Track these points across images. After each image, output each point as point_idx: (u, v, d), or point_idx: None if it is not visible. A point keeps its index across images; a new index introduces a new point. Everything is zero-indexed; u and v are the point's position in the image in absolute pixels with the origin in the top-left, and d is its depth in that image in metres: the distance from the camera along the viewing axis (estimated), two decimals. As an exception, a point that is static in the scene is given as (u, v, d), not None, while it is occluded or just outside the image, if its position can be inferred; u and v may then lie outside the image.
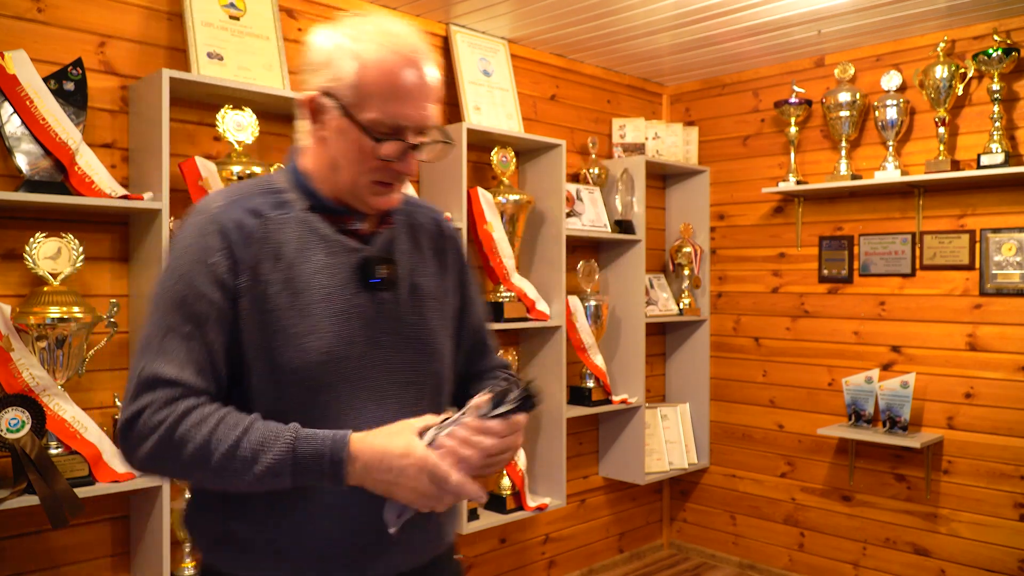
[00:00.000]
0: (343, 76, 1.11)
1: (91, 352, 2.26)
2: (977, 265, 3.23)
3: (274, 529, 1.14)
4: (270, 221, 1.16)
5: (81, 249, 2.19)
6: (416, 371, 1.21)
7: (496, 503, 3.17)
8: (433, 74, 1.15)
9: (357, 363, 1.15)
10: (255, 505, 1.13)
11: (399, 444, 1.05)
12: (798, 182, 3.65)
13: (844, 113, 3.48)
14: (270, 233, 1.15)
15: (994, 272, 3.18)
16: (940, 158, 3.22)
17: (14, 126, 2.14)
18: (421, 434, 1.08)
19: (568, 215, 3.46)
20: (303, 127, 1.20)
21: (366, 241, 1.21)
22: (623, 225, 3.72)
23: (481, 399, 1.10)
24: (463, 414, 1.09)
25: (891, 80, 3.39)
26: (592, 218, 3.61)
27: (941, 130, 3.23)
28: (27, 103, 2.12)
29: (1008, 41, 3.09)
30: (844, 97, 3.47)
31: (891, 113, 3.35)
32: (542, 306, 3.25)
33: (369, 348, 1.17)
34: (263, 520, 1.14)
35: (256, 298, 1.12)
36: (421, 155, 1.16)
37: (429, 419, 1.11)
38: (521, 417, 1.09)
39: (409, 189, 2.95)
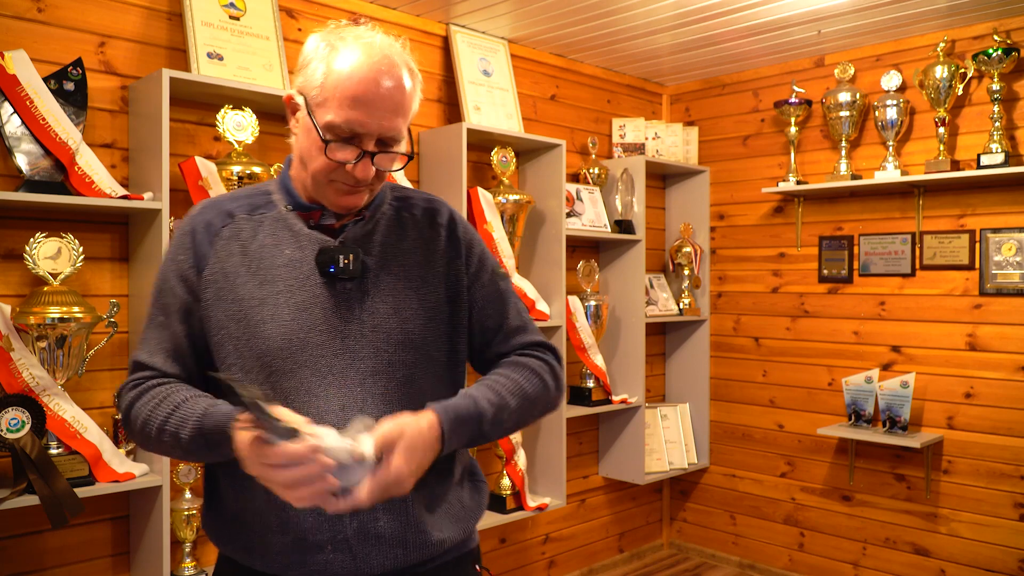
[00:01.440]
0: (313, 77, 1.17)
1: (91, 352, 2.26)
2: (977, 265, 3.23)
3: (257, 522, 1.21)
4: (241, 221, 1.25)
5: (81, 249, 2.19)
6: (382, 360, 1.21)
7: (496, 503, 3.17)
8: (401, 87, 1.17)
9: (319, 351, 1.19)
10: (244, 500, 1.22)
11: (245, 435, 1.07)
12: (798, 182, 3.65)
13: (844, 113, 3.48)
14: (240, 232, 1.24)
15: (994, 272, 3.18)
16: (940, 158, 3.22)
17: (14, 126, 2.14)
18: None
19: (568, 215, 3.46)
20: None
21: (337, 234, 1.25)
22: (623, 225, 3.72)
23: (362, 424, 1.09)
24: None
25: (891, 80, 3.39)
26: (592, 218, 3.61)
27: (941, 130, 3.23)
28: (27, 103, 2.12)
29: (1008, 41, 3.09)
30: (844, 97, 3.47)
31: (891, 113, 3.35)
32: (542, 306, 3.25)
33: (331, 337, 1.19)
34: (252, 514, 1.21)
35: (221, 290, 1.21)
36: (377, 164, 1.18)
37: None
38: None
39: (404, 181, 2.95)
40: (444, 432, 1.14)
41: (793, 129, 3.71)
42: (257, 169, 2.46)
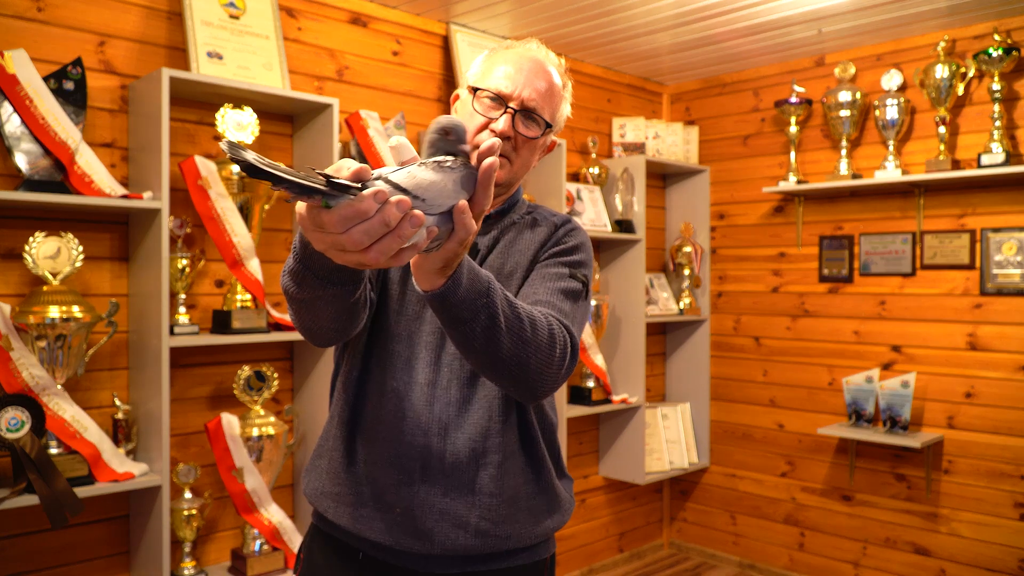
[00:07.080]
0: (474, 69, 1.38)
1: (91, 352, 2.26)
2: (977, 265, 3.23)
3: (344, 474, 1.31)
4: None
5: (81, 249, 2.19)
6: None
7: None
8: (547, 74, 1.33)
9: (416, 323, 1.31)
10: (338, 450, 1.32)
11: None
12: (798, 181, 3.65)
13: (844, 112, 3.48)
14: None
15: (994, 272, 3.18)
16: (941, 157, 3.22)
17: (14, 126, 2.13)
18: None
19: (568, 215, 3.46)
20: None
21: None
22: (623, 224, 3.72)
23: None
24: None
25: (891, 79, 3.39)
26: (592, 217, 3.61)
27: (942, 129, 3.23)
28: (27, 103, 2.12)
29: (1008, 41, 3.09)
30: (844, 96, 3.47)
31: (891, 112, 3.35)
32: (542, 306, 3.24)
33: (425, 310, 1.31)
34: (338, 464, 1.32)
35: None
36: (516, 124, 1.30)
37: None
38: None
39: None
40: (464, 263, 1.00)
41: (793, 128, 3.71)
42: (257, 169, 2.45)
